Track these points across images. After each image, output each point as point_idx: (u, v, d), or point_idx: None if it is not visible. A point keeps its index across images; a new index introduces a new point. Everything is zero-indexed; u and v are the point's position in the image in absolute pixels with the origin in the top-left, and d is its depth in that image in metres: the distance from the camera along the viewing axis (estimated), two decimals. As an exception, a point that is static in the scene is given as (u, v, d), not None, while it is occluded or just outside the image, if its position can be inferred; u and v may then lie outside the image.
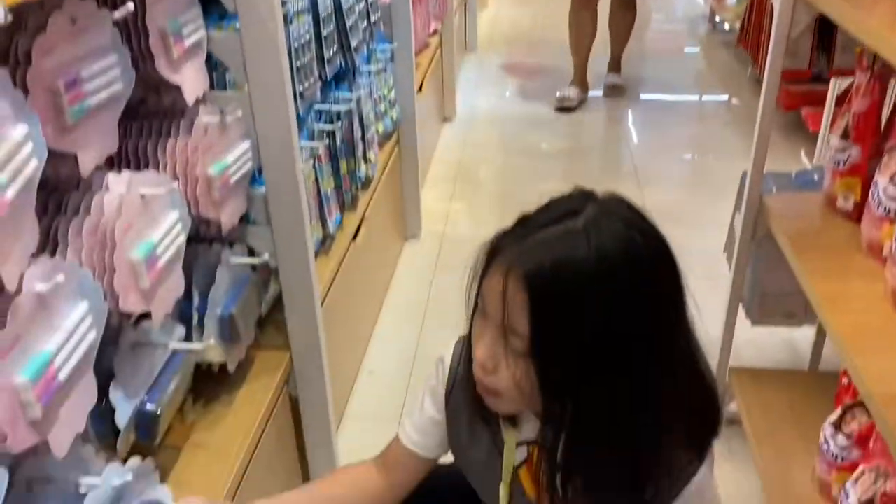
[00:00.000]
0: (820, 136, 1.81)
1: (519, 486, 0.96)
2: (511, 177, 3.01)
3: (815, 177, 1.60)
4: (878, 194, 1.22)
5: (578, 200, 0.82)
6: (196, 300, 1.14)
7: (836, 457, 1.31)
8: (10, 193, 0.61)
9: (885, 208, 1.20)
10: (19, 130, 0.64)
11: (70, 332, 0.71)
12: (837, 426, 1.32)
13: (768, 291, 1.63)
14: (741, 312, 1.66)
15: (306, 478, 1.53)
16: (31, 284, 0.66)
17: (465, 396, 0.94)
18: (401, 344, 2.03)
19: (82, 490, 0.78)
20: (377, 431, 1.73)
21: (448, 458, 1.04)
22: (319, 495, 1.05)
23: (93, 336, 0.75)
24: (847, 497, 1.20)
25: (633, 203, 0.84)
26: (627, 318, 0.77)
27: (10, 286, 0.62)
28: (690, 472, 0.85)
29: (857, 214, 1.35)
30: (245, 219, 1.26)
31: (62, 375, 0.70)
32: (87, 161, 0.78)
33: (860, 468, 1.21)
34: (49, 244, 0.81)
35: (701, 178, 3.01)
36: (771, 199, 1.47)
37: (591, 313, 0.76)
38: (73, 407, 0.73)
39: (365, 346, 2.01)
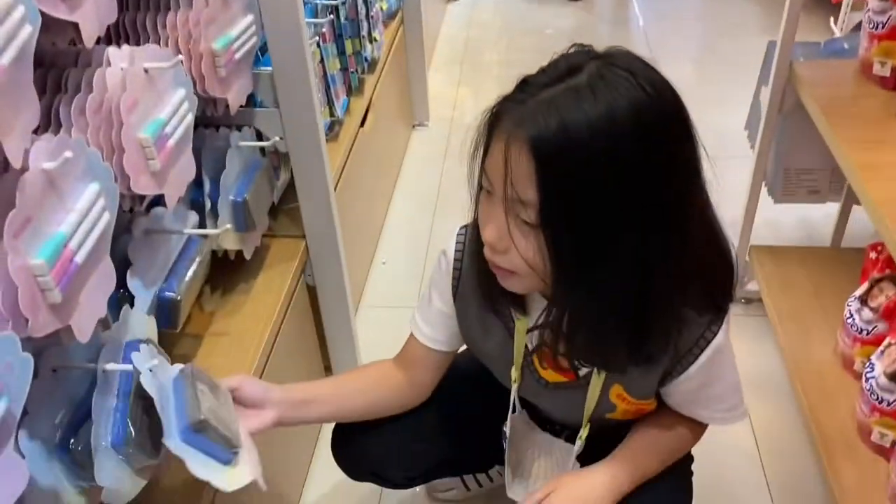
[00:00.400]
0: (843, 2, 1.71)
1: (532, 370, 0.95)
2: (517, 59, 2.89)
3: (846, 45, 1.52)
4: (920, 57, 1.16)
5: (580, 56, 0.76)
6: (207, 186, 1.10)
7: (861, 330, 1.30)
8: (5, 60, 0.56)
9: (929, 71, 1.14)
10: (9, -10, 0.57)
11: (83, 214, 0.67)
12: (864, 300, 1.30)
13: (792, 167, 1.58)
14: (763, 191, 1.62)
15: (327, 365, 1.53)
16: (38, 162, 0.62)
17: (472, 286, 0.92)
18: (413, 233, 2.01)
19: (109, 375, 0.77)
20: (393, 319, 1.74)
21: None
22: (345, 386, 1.06)
23: (107, 218, 0.71)
24: (872, 369, 1.19)
25: (639, 55, 0.78)
26: (639, 175, 0.72)
27: (16, 163, 0.58)
28: (709, 335, 0.85)
29: (893, 81, 1.29)
30: (252, 101, 1.20)
31: (79, 258, 0.67)
32: (88, 29, 0.72)
33: (886, 340, 1.20)
34: (52, 125, 0.77)
35: (715, 56, 2.90)
36: (801, 66, 1.40)
37: (600, 172, 0.71)
38: (93, 291, 0.71)
39: (377, 237, 1.98)
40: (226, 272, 1.24)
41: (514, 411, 1.02)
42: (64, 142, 0.65)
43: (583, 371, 0.91)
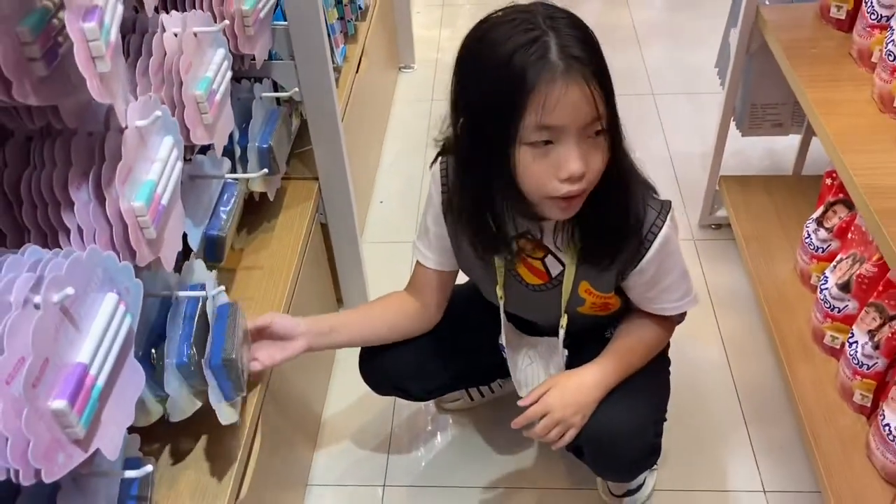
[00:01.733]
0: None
1: (515, 277, 1.11)
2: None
3: (807, -13, 1.65)
4: (871, 2, 1.29)
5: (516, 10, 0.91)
6: (236, 135, 1.21)
7: (817, 249, 1.47)
8: (112, 37, 0.67)
9: (878, 16, 1.27)
10: (106, -24, 0.68)
11: (164, 163, 0.80)
12: (820, 222, 1.46)
13: (758, 103, 1.72)
14: (731, 125, 1.76)
15: (339, 297, 1.68)
16: (133, 120, 0.74)
17: (460, 224, 1.06)
18: (406, 173, 2.13)
19: (180, 300, 0.90)
20: (393, 253, 1.88)
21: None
22: (367, 314, 1.21)
23: (180, 166, 0.84)
24: (826, 282, 1.36)
25: None
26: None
27: (123, 122, 0.70)
28: (655, 229, 1.02)
29: (848, 24, 1.42)
30: (269, 55, 1.30)
31: (164, 200, 0.79)
32: (150, 0, 0.82)
33: (838, 256, 1.37)
34: (118, 85, 0.88)
35: (689, -6, 3.00)
36: (766, 10, 1.52)
37: (608, 73, 0.90)
38: (173, 229, 0.83)
39: (374, 177, 2.11)
40: (251, 213, 1.37)
41: (503, 326, 1.18)
42: (149, 102, 0.77)
43: (555, 271, 1.07)
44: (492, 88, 0.88)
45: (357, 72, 1.85)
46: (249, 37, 1.12)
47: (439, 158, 1.09)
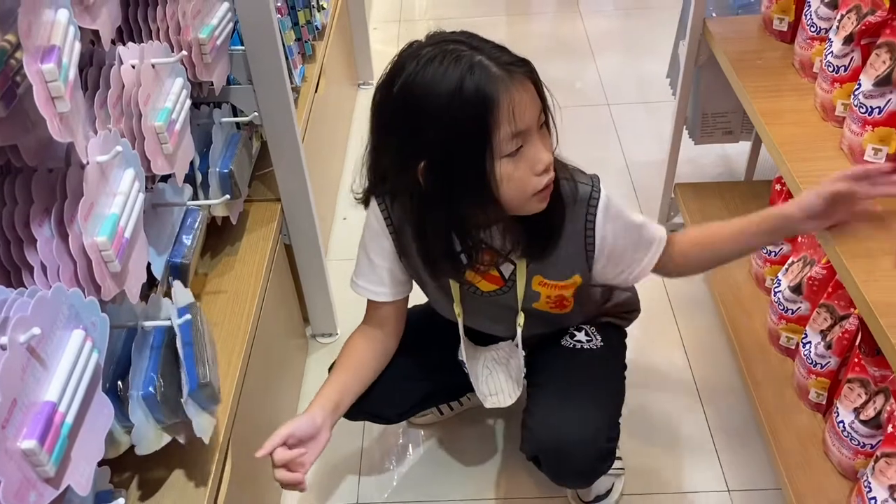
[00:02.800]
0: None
1: (473, 290, 1.14)
2: (451, 12, 3.02)
3: (752, -1, 1.70)
4: (810, 15, 1.34)
5: (429, 38, 0.97)
6: (197, 161, 1.21)
7: (770, 252, 1.52)
8: (71, 75, 0.68)
9: (817, 28, 1.33)
10: (62, 15, 0.69)
11: (126, 195, 0.80)
12: (771, 226, 1.51)
13: (709, 112, 1.77)
14: (684, 133, 1.81)
15: (304, 315, 1.68)
16: (94, 156, 0.74)
17: (411, 250, 1.08)
18: (368, 188, 2.14)
19: (147, 330, 0.91)
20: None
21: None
22: (354, 370, 1.19)
23: (142, 198, 0.84)
24: (779, 285, 1.41)
25: None
26: None
27: (84, 158, 0.70)
28: (594, 201, 1.06)
29: (791, 35, 1.47)
30: (227, 80, 1.31)
31: (127, 233, 0.80)
32: (107, 34, 0.83)
33: (790, 259, 1.41)
34: (76, 118, 0.88)
35: (639, 3, 3.06)
36: (713, 23, 1.57)
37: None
38: (137, 261, 0.84)
39: (336, 195, 2.12)
40: (213, 237, 1.37)
41: (462, 341, 1.21)
42: (109, 136, 0.77)
43: (507, 272, 1.10)
44: (454, 123, 0.91)
45: (316, 91, 1.86)
46: (207, 64, 1.12)
47: (374, 199, 1.11)
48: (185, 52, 1.02)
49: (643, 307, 1.36)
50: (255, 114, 1.32)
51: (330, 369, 1.25)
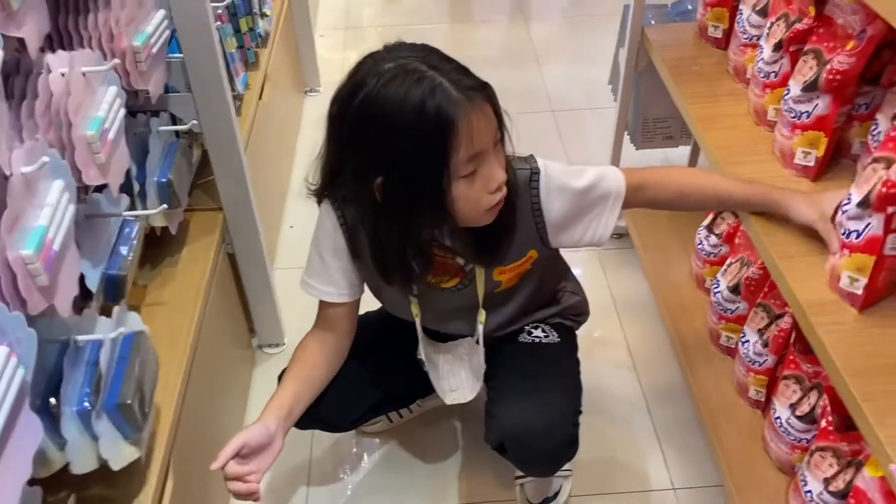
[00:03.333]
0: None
1: (433, 287, 1.15)
2: (398, 20, 3.02)
3: (689, 6, 1.74)
4: (742, 23, 1.38)
5: (389, 51, 0.98)
6: (134, 170, 1.19)
7: (709, 254, 1.55)
8: (-9, 83, 0.66)
9: (749, 35, 1.37)
10: (-18, 22, 0.67)
11: (55, 207, 0.78)
12: (710, 228, 1.55)
13: (649, 117, 1.81)
14: (626, 138, 1.84)
15: (251, 327, 1.66)
16: (18, 167, 0.72)
17: (367, 255, 1.08)
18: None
19: (80, 345, 0.88)
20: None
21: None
22: (306, 376, 1.17)
23: (72, 209, 0.82)
24: (718, 285, 1.44)
25: None
26: None
27: (7, 169, 0.68)
28: (536, 179, 1.08)
29: (725, 42, 1.51)
30: (165, 87, 1.29)
31: (56, 246, 0.77)
32: (33, 42, 0.81)
33: (728, 261, 1.45)
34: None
35: (585, 11, 3.10)
36: (651, 30, 1.61)
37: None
38: (67, 274, 0.82)
39: (283, 203, 2.10)
40: (153, 247, 1.34)
41: (420, 339, 1.21)
42: (36, 147, 0.75)
43: (468, 267, 1.11)
44: (414, 144, 0.93)
45: (260, 98, 1.84)
46: (143, 72, 1.10)
47: (328, 200, 1.11)
48: (118, 61, 0.99)
49: (590, 310, 1.38)
50: (195, 122, 1.30)
51: (280, 378, 1.24)
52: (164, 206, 1.17)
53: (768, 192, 1.12)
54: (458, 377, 1.24)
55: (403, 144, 0.93)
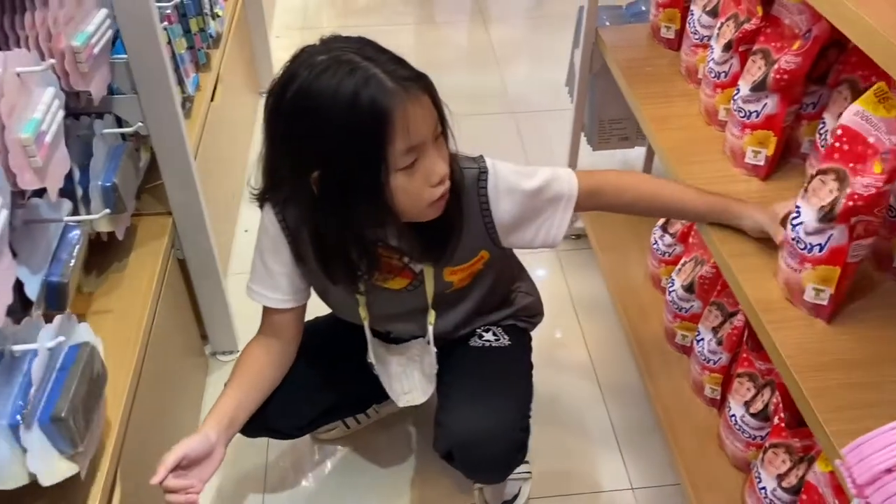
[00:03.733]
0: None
1: (380, 289, 1.13)
2: (357, 21, 3.00)
3: (643, 7, 1.75)
4: (693, 23, 1.39)
5: (324, 44, 0.96)
6: (77, 174, 1.15)
7: (664, 253, 1.56)
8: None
9: (700, 36, 1.38)
10: None
11: (-14, 213, 0.75)
12: (665, 228, 1.56)
13: (605, 118, 1.81)
14: (583, 139, 1.85)
15: (203, 334, 1.63)
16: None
17: (310, 256, 1.07)
18: (271, 199, 2.09)
19: (17, 355, 0.85)
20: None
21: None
22: (249, 384, 1.15)
23: (6, 214, 0.79)
24: (673, 284, 1.45)
25: None
26: None
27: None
28: (483, 179, 1.07)
29: (677, 43, 1.52)
30: (109, 89, 1.25)
31: (-14, 253, 0.74)
32: (-39, 43, 0.78)
33: (682, 260, 1.46)
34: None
35: (545, 12, 3.12)
36: (605, 32, 1.61)
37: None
38: (2, 279, 0.78)
39: (237, 206, 2.06)
40: (99, 254, 1.31)
41: (370, 343, 1.20)
42: (-38, 150, 0.72)
43: (417, 268, 1.10)
44: (348, 136, 0.91)
45: (212, 100, 1.80)
46: (84, 73, 1.07)
47: (269, 205, 1.09)
48: (54, 61, 0.96)
49: (547, 310, 1.38)
50: (141, 124, 1.27)
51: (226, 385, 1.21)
52: (108, 210, 1.13)
53: (725, 204, 1.11)
54: (410, 379, 1.22)
55: (338, 136, 0.91)
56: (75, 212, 1.15)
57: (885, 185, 0.84)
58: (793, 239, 0.95)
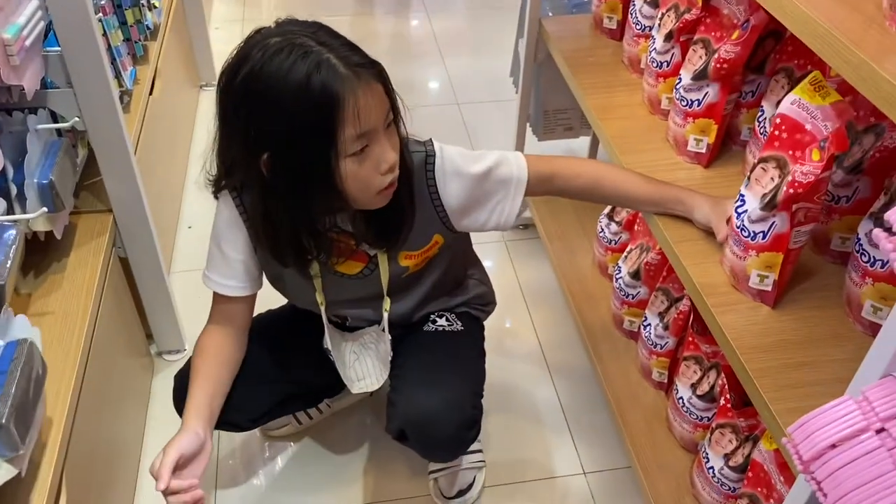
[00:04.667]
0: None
1: (334, 273, 1.13)
2: (297, 11, 2.95)
3: (585, -1, 1.77)
4: (635, 14, 1.41)
5: (279, 26, 0.96)
6: (10, 172, 1.11)
7: (610, 241, 1.58)
8: None
9: (642, 26, 1.40)
10: None
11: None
12: (610, 216, 1.58)
13: (550, 109, 1.83)
14: (528, 130, 1.86)
15: (148, 333, 1.59)
16: None
17: (266, 244, 1.06)
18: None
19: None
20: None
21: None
22: (215, 374, 1.13)
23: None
24: (620, 271, 1.48)
25: None
26: None
27: None
28: (431, 163, 1.07)
29: (620, 33, 1.55)
30: (43, 83, 1.21)
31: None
32: None
33: (628, 248, 1.48)
34: None
35: (486, 3, 3.12)
36: (548, 22, 1.62)
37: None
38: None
39: (179, 202, 2.01)
40: (37, 254, 1.26)
41: (326, 328, 1.19)
42: None
43: (372, 251, 1.10)
44: (298, 119, 0.91)
45: (151, 93, 1.76)
46: (15, 66, 1.03)
47: (226, 190, 1.07)
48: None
49: (498, 299, 1.38)
50: (77, 119, 1.22)
51: (177, 377, 1.20)
52: (45, 209, 1.09)
53: (677, 193, 1.13)
54: (364, 366, 1.22)
55: (288, 120, 0.91)
56: (10, 211, 1.10)
57: (823, 172, 0.87)
58: (737, 227, 0.98)
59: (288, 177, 0.96)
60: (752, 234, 0.95)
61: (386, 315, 1.17)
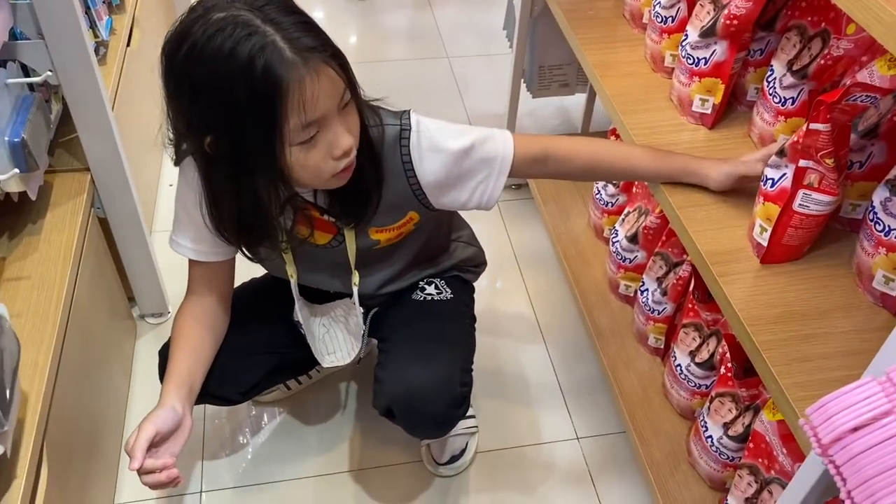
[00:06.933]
0: None
1: (306, 244, 1.07)
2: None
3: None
4: (638, -35, 1.35)
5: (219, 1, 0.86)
6: (-21, 129, 1.05)
7: (607, 203, 1.54)
8: None
9: (645, -22, 1.34)
10: None
11: None
12: (607, 177, 1.54)
13: (545, 64, 1.77)
14: (522, 86, 1.80)
15: (130, 296, 1.54)
16: None
17: (232, 225, 1.00)
18: (197, 151, 1.98)
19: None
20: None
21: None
22: (197, 345, 1.09)
23: None
24: (617, 235, 1.44)
25: None
26: None
27: None
28: (406, 136, 1.01)
29: (620, -15, 1.48)
30: (12, 34, 1.13)
31: None
32: None
33: (626, 210, 1.44)
34: None
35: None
36: (545, -26, 1.56)
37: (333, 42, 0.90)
38: None
39: (160, 159, 1.95)
40: (10, 215, 1.20)
41: (297, 301, 1.15)
42: None
43: (339, 223, 1.05)
44: (239, 105, 0.84)
45: (128, 45, 1.68)
46: (-21, 15, 0.96)
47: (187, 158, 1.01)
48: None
49: (490, 262, 1.35)
50: (50, 73, 1.16)
51: (161, 353, 1.15)
52: (17, 170, 1.03)
53: (685, 165, 1.07)
54: (334, 339, 1.18)
55: (228, 105, 0.84)
56: (-20, 171, 1.04)
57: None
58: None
59: (231, 160, 0.90)
60: (765, 180, 0.94)
61: (356, 289, 1.12)
